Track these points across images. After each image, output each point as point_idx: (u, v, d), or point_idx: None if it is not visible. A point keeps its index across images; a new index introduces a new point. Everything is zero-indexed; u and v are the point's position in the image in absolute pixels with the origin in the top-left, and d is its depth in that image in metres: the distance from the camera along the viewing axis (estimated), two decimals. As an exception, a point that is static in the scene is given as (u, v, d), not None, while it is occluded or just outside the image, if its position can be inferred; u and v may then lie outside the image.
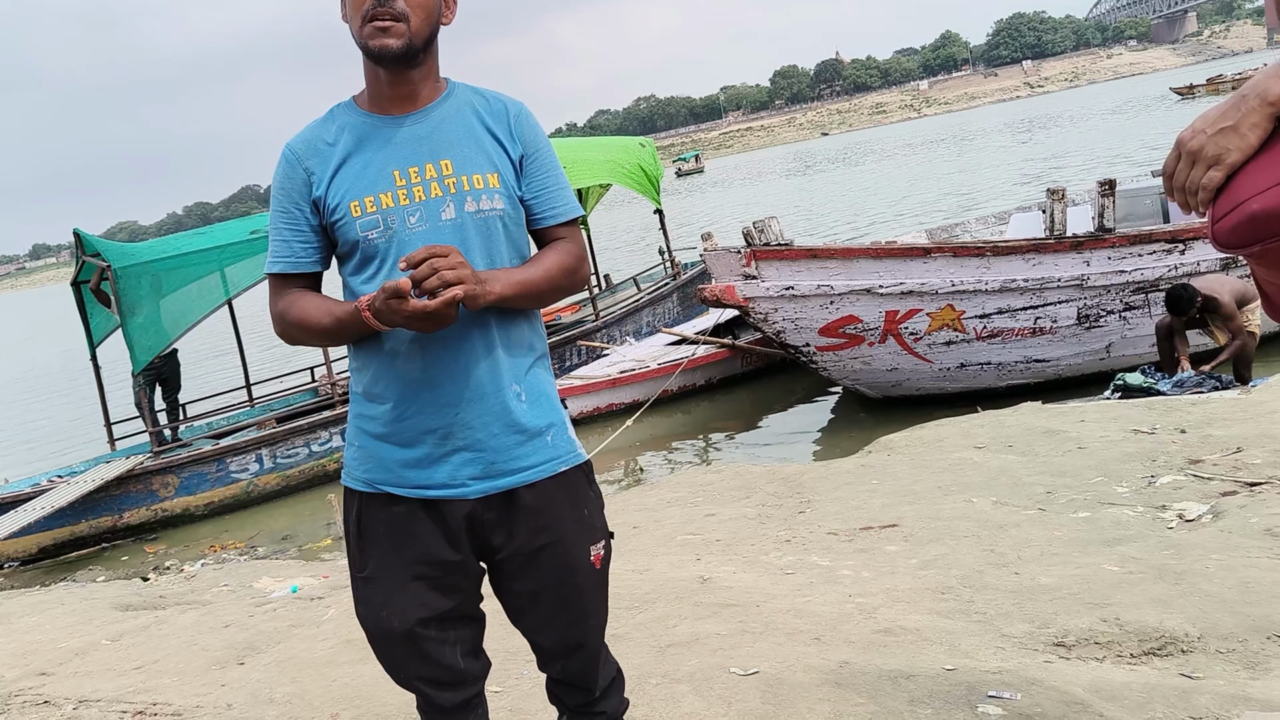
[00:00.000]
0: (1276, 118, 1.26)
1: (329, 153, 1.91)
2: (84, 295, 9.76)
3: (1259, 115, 1.26)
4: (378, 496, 1.95)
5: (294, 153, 1.94)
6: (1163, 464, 4.71)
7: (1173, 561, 3.51)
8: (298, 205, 1.93)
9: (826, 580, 3.86)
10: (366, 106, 1.95)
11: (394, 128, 1.91)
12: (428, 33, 1.88)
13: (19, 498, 8.42)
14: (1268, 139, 1.26)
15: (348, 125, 1.93)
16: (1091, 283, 7.46)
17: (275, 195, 1.97)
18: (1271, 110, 1.25)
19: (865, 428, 7.87)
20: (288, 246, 1.95)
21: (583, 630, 2.06)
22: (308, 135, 1.95)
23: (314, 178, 1.91)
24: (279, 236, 1.96)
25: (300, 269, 1.96)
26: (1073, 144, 35.83)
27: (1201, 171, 1.30)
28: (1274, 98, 1.25)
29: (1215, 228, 1.30)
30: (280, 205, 1.96)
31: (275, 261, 1.96)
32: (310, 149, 1.93)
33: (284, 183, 1.95)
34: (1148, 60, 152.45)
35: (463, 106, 1.96)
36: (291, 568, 6.16)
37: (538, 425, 1.95)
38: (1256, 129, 1.26)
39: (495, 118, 1.96)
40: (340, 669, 3.64)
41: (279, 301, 1.97)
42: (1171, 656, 2.96)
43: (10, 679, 4.18)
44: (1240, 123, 1.27)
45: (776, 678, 2.97)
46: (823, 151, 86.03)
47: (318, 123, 1.97)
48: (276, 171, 1.96)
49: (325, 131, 1.94)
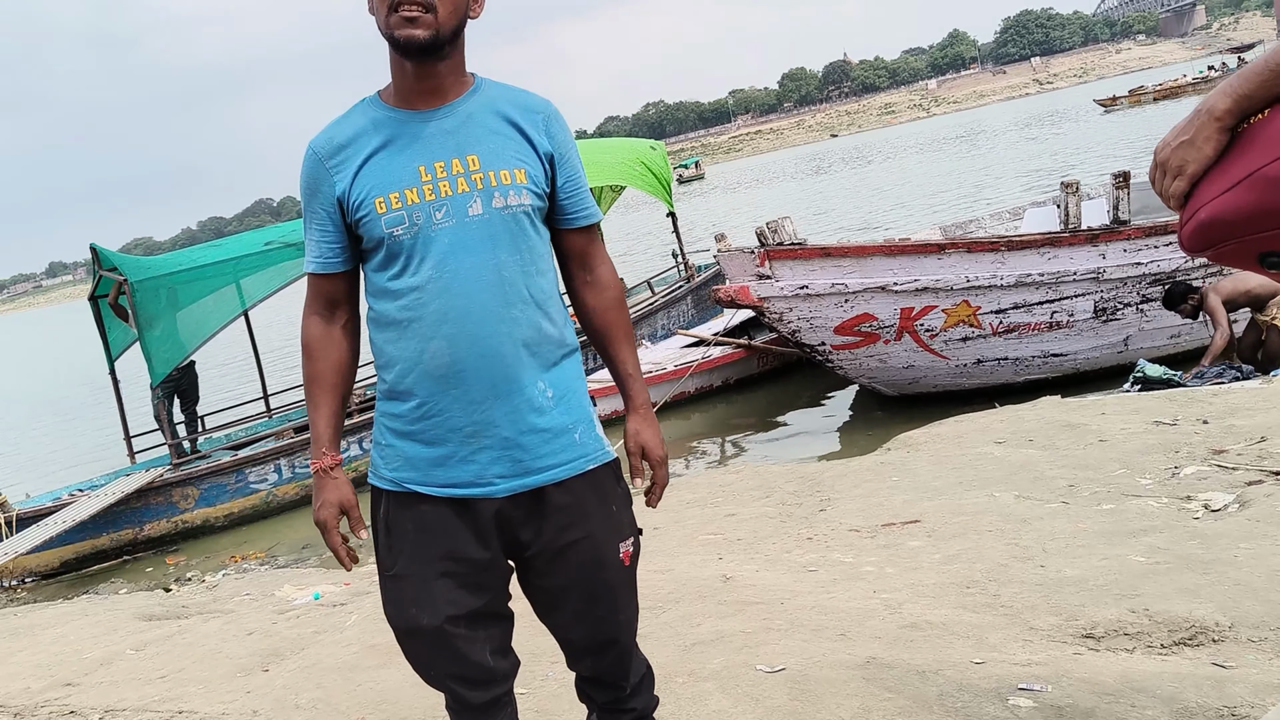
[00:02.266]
0: (1230, 129, 1.37)
1: (353, 149, 1.90)
2: (102, 310, 9.81)
3: (1210, 129, 1.37)
4: (405, 495, 1.94)
5: (316, 151, 1.93)
6: (1186, 455, 4.67)
7: (1200, 551, 3.48)
8: (322, 205, 1.93)
9: (850, 577, 3.84)
10: (392, 101, 1.93)
11: (420, 123, 1.90)
12: (455, 24, 1.86)
13: (41, 512, 8.45)
14: (1225, 149, 1.38)
15: (372, 120, 1.91)
16: (1108, 275, 7.42)
17: (302, 195, 1.97)
18: (1219, 124, 1.37)
19: (883, 425, 7.84)
20: (317, 247, 1.96)
21: (613, 626, 2.05)
22: (331, 132, 1.94)
23: (337, 175, 1.90)
24: (310, 237, 1.97)
25: (330, 269, 1.97)
26: (1085, 139, 35.69)
27: (1169, 181, 1.43)
28: (1220, 113, 1.36)
29: (1179, 234, 1.45)
30: (307, 205, 1.96)
31: (309, 262, 1.98)
32: (333, 146, 1.92)
33: (308, 181, 1.94)
34: (1157, 54, 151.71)
35: (490, 102, 1.94)
36: (313, 575, 6.17)
37: (565, 423, 1.94)
38: (1209, 142, 1.38)
39: (524, 114, 1.95)
40: (365, 674, 3.64)
41: (305, 321, 2.01)
42: (1202, 646, 2.92)
43: (36, 690, 4.19)
44: (1195, 136, 1.39)
45: (803, 674, 2.95)
46: (832, 153, 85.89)
47: (341, 118, 1.95)
48: (301, 171, 1.96)
49: (349, 127, 1.92)
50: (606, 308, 2.06)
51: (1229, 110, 1.36)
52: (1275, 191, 1.31)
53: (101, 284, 9.57)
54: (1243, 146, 1.36)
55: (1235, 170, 1.35)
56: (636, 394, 2.05)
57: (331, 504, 1.95)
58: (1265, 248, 1.36)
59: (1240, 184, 1.34)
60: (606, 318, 2.05)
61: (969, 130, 66.73)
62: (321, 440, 1.97)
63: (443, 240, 1.85)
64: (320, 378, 1.99)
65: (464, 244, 1.86)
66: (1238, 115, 1.36)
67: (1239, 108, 1.36)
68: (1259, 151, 1.33)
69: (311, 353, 2.00)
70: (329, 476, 1.96)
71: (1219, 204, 1.36)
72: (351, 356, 2.03)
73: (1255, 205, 1.33)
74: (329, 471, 1.96)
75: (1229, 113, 1.36)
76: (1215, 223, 1.38)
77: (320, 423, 1.98)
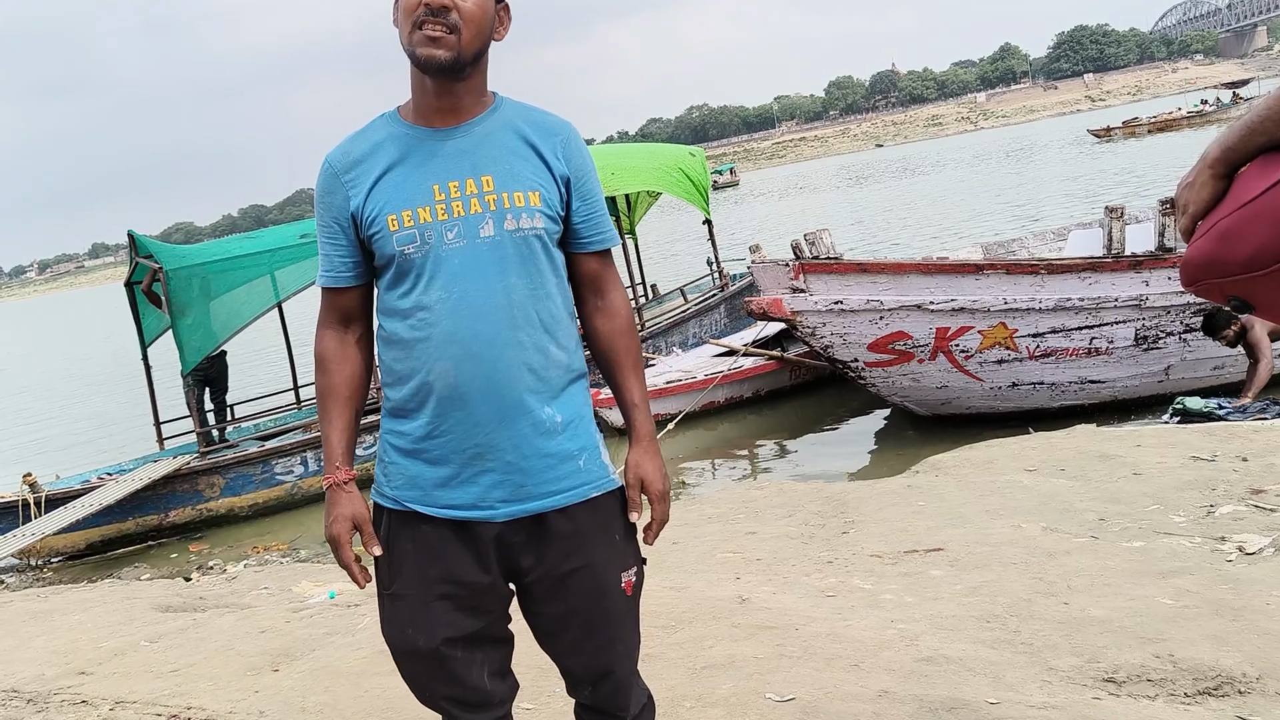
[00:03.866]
0: (1223, 176, 1.42)
1: (368, 164, 1.88)
2: (136, 296, 9.92)
3: (1205, 175, 1.44)
4: (406, 514, 1.92)
5: (332, 165, 1.92)
6: (1223, 493, 4.55)
7: (1231, 596, 3.38)
8: (336, 219, 1.92)
9: (868, 604, 3.77)
10: (410, 118, 1.91)
11: (436, 141, 1.88)
12: (478, 47, 1.84)
13: (70, 494, 8.55)
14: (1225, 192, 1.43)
15: (389, 136, 1.90)
16: (1151, 303, 7.27)
17: (317, 208, 1.96)
18: (1211, 171, 1.43)
19: (913, 446, 7.74)
20: (329, 260, 1.95)
21: (611, 656, 2.01)
22: (347, 147, 1.93)
23: (352, 190, 1.89)
24: (323, 250, 1.96)
25: (341, 283, 1.96)
26: (1137, 159, 35.21)
27: (1179, 218, 1.50)
28: (1211, 160, 1.43)
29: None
30: (321, 219, 1.95)
31: (321, 275, 1.98)
32: (349, 161, 1.90)
33: (323, 195, 1.94)
34: (1214, 74, 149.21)
35: (508, 122, 1.92)
36: (331, 572, 6.18)
37: (570, 449, 1.91)
38: (1205, 187, 1.44)
39: (542, 136, 1.92)
40: (373, 679, 3.62)
41: (319, 335, 2.00)
42: (1228, 697, 2.84)
43: (50, 677, 4.22)
44: (1194, 180, 1.45)
45: (813, 705, 2.90)
46: (876, 164, 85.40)
47: (358, 134, 1.94)
48: (317, 184, 1.95)
49: (365, 142, 1.91)
50: (617, 334, 2.02)
51: (1218, 159, 1.42)
52: (1224, 243, 1.39)
53: (138, 270, 9.68)
54: (1228, 196, 1.42)
55: (1212, 218, 1.43)
56: (640, 425, 2.01)
57: (344, 518, 1.93)
58: (1229, 292, 1.43)
59: (1208, 233, 1.42)
60: (616, 344, 2.02)
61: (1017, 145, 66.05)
62: (335, 455, 1.95)
63: (453, 261, 1.83)
64: (334, 391, 1.98)
65: (474, 265, 1.84)
66: (1227, 164, 1.42)
67: (1226, 157, 1.42)
68: (1227, 203, 1.41)
69: (325, 366, 1.99)
70: (342, 491, 1.94)
71: (1195, 248, 1.45)
72: (365, 370, 2.02)
73: (1214, 254, 1.41)
74: (342, 486, 1.94)
75: (1218, 161, 1.42)
76: (1190, 264, 1.46)
77: (334, 437, 1.96)
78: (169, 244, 9.95)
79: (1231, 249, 1.38)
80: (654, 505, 2.00)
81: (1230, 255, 1.38)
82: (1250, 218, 1.35)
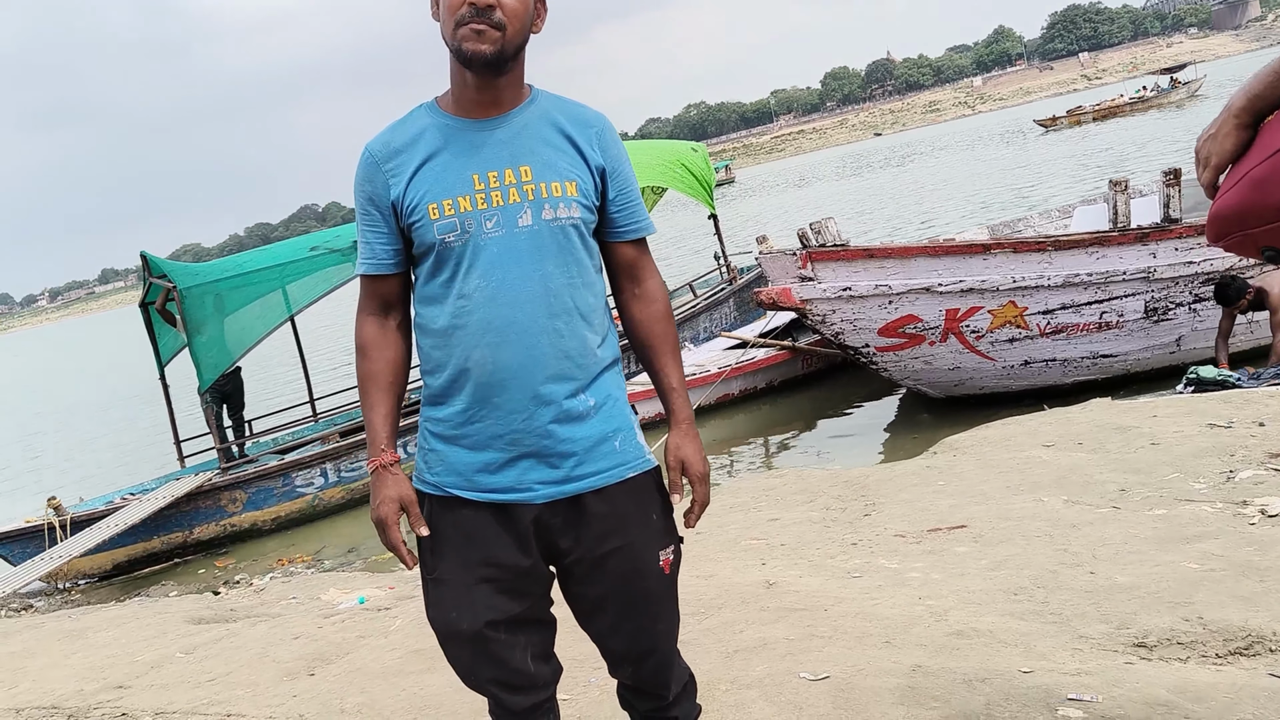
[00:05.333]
0: (1248, 126, 1.43)
1: (409, 154, 1.92)
2: (152, 316, 9.98)
3: (1229, 125, 1.44)
4: (448, 500, 1.96)
5: (373, 154, 1.95)
6: (1241, 458, 4.57)
7: (1256, 558, 3.40)
8: (377, 207, 1.95)
9: (895, 583, 3.80)
10: (449, 109, 1.95)
11: (475, 131, 1.92)
12: (520, 41, 1.89)
13: (94, 515, 8.61)
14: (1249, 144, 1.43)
15: (429, 127, 1.94)
16: (1159, 275, 7.28)
17: (356, 196, 1.99)
18: (1236, 121, 1.43)
19: (929, 428, 7.76)
20: (370, 248, 1.98)
21: (653, 635, 2.04)
22: (387, 136, 1.96)
23: (393, 179, 1.92)
24: (363, 238, 1.99)
25: (383, 270, 1.99)
26: (1138, 134, 35.11)
27: (1201, 171, 1.50)
28: (1236, 110, 1.43)
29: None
30: (361, 207, 1.98)
31: (361, 263, 2.00)
32: (389, 150, 1.94)
33: (363, 184, 1.96)
34: (1209, 48, 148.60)
35: (545, 114, 1.96)
36: (358, 579, 6.22)
37: (605, 431, 1.94)
38: (1229, 138, 1.44)
39: (578, 127, 1.97)
40: (409, 678, 3.66)
41: (360, 322, 2.03)
42: (1259, 656, 2.85)
43: (89, 692, 4.27)
44: (1218, 131, 1.46)
45: (847, 682, 2.92)
46: (875, 153, 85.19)
47: (398, 123, 1.98)
48: (357, 172, 1.98)
49: (405, 132, 1.95)
50: (654, 320, 2.05)
51: (1243, 108, 1.42)
52: (1261, 192, 1.38)
53: (151, 290, 9.74)
54: (1255, 144, 1.42)
55: (1240, 168, 1.43)
56: (679, 408, 2.04)
57: (391, 500, 1.94)
58: (1263, 242, 1.43)
59: (1239, 183, 1.42)
60: (653, 330, 2.05)
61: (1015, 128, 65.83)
62: (379, 438, 1.98)
63: (491, 249, 1.87)
64: (376, 376, 2.00)
65: (512, 254, 1.87)
66: (1252, 113, 1.42)
67: (1252, 106, 1.42)
68: (1257, 152, 1.41)
69: (367, 352, 2.01)
70: (388, 473, 1.96)
71: (1224, 200, 1.45)
72: (405, 355, 2.05)
73: (1248, 203, 1.40)
74: (389, 468, 1.96)
75: (1244, 110, 1.42)
76: (1219, 217, 1.46)
77: (377, 421, 1.99)
78: (181, 263, 10.01)
79: (1270, 196, 1.37)
80: (695, 487, 2.03)
81: (1268, 202, 1.38)
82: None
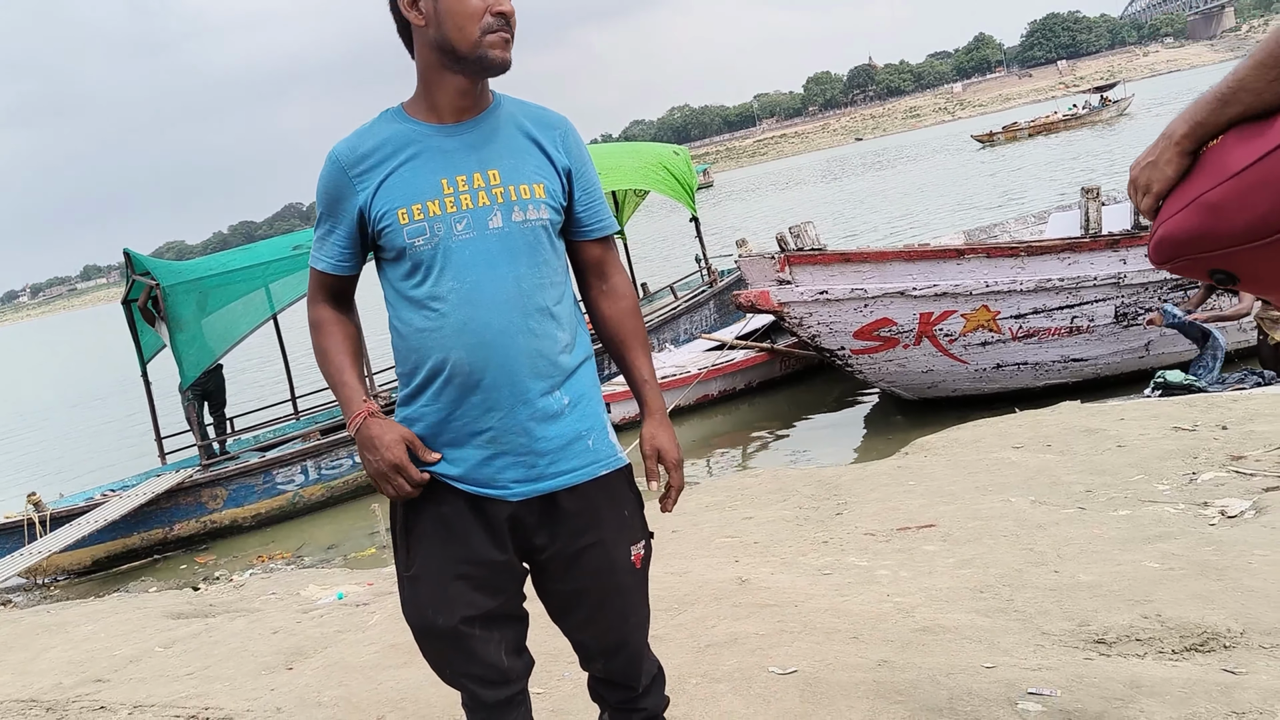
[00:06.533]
0: (1189, 153, 1.43)
1: (376, 159, 1.94)
2: (134, 313, 9.97)
3: (1170, 153, 1.45)
4: (424, 495, 1.97)
5: (339, 159, 1.97)
6: (1204, 461, 4.67)
7: (1214, 557, 3.49)
8: (340, 212, 1.98)
9: (864, 580, 3.87)
10: (417, 114, 1.97)
11: (444, 137, 1.95)
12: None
13: (74, 511, 8.61)
14: (1189, 169, 1.44)
15: (397, 132, 1.96)
16: (1129, 281, 7.41)
17: (320, 199, 2.01)
18: (1178, 149, 1.44)
19: (902, 429, 7.86)
20: (330, 248, 2.01)
21: (624, 629, 2.09)
22: (354, 141, 1.97)
23: (360, 185, 1.94)
24: (324, 238, 2.02)
25: (339, 271, 2.02)
26: (1114, 141, 35.41)
27: (1140, 198, 1.51)
28: (1178, 138, 1.43)
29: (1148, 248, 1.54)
30: (327, 211, 2.00)
31: (320, 259, 2.03)
32: (356, 155, 1.95)
33: (328, 187, 1.98)
34: (1185, 57, 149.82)
35: (510, 118, 2.00)
36: (337, 575, 6.25)
37: (579, 430, 1.98)
38: (1170, 164, 1.45)
39: (542, 130, 2.01)
40: (386, 672, 3.71)
41: (314, 307, 2.06)
42: (1214, 652, 2.93)
43: (68, 685, 4.29)
44: (1158, 159, 1.47)
45: (815, 676, 2.99)
46: (855, 157, 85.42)
47: (365, 129, 1.99)
48: (322, 174, 2.00)
49: (372, 138, 1.96)
50: (623, 316, 2.11)
51: (1185, 135, 1.43)
52: (1213, 216, 1.38)
53: (135, 288, 9.73)
54: (1198, 169, 1.43)
55: (1187, 193, 1.43)
56: (652, 399, 2.10)
57: (395, 442, 1.91)
58: (1212, 265, 1.44)
59: (1189, 207, 1.42)
60: (623, 325, 2.11)
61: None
62: (356, 394, 1.97)
63: (463, 252, 1.90)
64: (339, 346, 2.03)
65: (484, 256, 1.91)
66: (1195, 140, 1.43)
67: (1194, 133, 1.42)
68: (1205, 177, 1.41)
69: (324, 326, 2.04)
70: (377, 419, 1.94)
71: (1171, 224, 1.45)
72: (359, 333, 2.09)
73: (1203, 228, 1.40)
74: (375, 415, 1.94)
75: (1186, 137, 1.43)
76: (1169, 240, 1.46)
77: (350, 380, 1.99)
78: (164, 260, 10.01)
79: (1224, 221, 1.37)
80: (671, 473, 2.08)
81: (1223, 228, 1.38)
82: (1247, 188, 1.34)
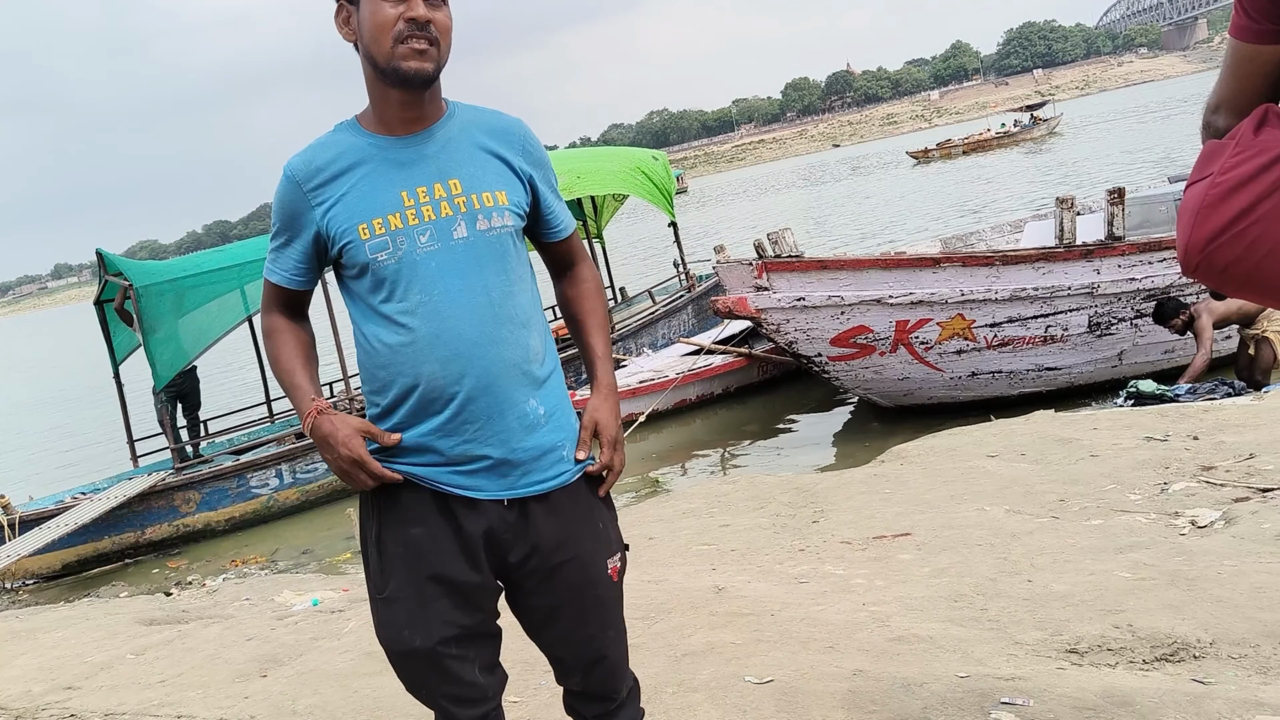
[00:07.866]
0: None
1: (332, 174, 1.91)
2: (107, 314, 9.88)
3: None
4: (395, 517, 1.95)
5: (294, 175, 1.93)
6: (1175, 471, 4.72)
7: (1185, 568, 3.53)
8: (294, 227, 1.95)
9: (840, 589, 3.89)
10: (372, 127, 1.94)
11: (401, 149, 1.92)
12: (448, 56, 1.91)
13: (43, 515, 8.51)
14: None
15: (351, 145, 1.93)
16: (1102, 290, 7.48)
17: (276, 215, 1.98)
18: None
19: (878, 437, 7.90)
20: (289, 262, 1.99)
21: (602, 643, 2.07)
22: (309, 155, 1.93)
23: (316, 200, 1.91)
24: (280, 252, 1.99)
25: (294, 286, 2.01)
26: (1089, 150, 35.74)
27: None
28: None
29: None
30: (283, 226, 1.97)
31: (275, 273, 2.01)
32: (311, 170, 1.91)
33: (283, 202, 1.95)
34: (1158, 68, 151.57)
35: (466, 126, 1.97)
36: (312, 581, 6.22)
37: (554, 440, 1.97)
38: None
39: (499, 136, 1.98)
40: (361, 680, 3.69)
41: (269, 315, 2.05)
42: (1184, 662, 2.97)
43: (38, 693, 4.24)
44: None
45: (791, 686, 3.01)
46: (832, 164, 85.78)
47: (319, 143, 1.96)
48: (278, 189, 1.96)
49: (327, 152, 1.93)
50: (583, 296, 2.13)
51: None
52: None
53: (107, 288, 9.65)
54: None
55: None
56: (602, 375, 2.08)
57: (353, 434, 1.89)
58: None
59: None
60: (583, 305, 2.12)
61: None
62: (308, 392, 1.95)
63: (429, 264, 1.88)
64: (291, 351, 2.01)
65: (451, 267, 1.89)
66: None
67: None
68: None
69: (280, 335, 2.02)
70: (330, 415, 1.91)
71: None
72: (313, 341, 2.08)
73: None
74: (325, 411, 1.92)
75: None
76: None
77: (301, 380, 1.97)
78: (138, 261, 9.93)
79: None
80: (604, 450, 2.05)
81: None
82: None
